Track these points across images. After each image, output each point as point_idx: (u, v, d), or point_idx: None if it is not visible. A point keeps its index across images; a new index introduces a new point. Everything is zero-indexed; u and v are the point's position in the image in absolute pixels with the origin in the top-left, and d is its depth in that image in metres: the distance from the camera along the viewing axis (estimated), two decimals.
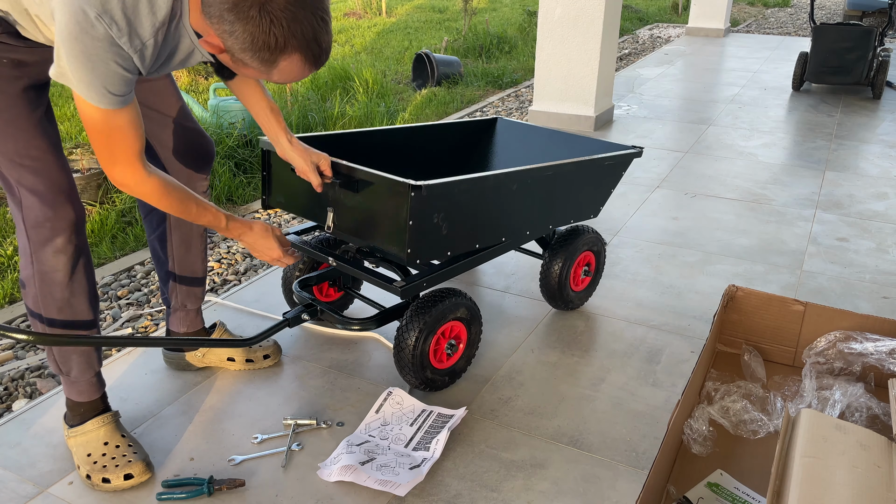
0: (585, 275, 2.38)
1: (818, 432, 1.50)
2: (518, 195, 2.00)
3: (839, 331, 1.98)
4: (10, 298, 2.63)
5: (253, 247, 1.73)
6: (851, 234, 3.02)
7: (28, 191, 1.50)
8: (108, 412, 1.73)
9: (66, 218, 1.53)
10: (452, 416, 1.85)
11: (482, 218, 1.95)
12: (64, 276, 1.57)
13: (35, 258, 1.55)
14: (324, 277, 2.21)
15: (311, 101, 4.91)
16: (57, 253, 1.54)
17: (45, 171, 1.50)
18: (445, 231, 1.86)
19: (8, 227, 3.15)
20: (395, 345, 1.89)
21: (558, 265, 2.25)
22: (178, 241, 1.91)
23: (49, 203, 1.51)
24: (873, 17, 8.56)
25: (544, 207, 2.13)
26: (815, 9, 10.95)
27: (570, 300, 2.36)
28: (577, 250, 2.28)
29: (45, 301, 1.59)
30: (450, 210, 1.83)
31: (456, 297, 1.92)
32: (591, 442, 1.81)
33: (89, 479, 1.64)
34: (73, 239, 1.56)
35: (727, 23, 8.08)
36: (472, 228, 1.94)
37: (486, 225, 1.98)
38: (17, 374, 2.19)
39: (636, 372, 2.09)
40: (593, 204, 2.31)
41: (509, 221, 2.04)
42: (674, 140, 4.32)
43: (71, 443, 1.70)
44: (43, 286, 1.57)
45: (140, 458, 1.66)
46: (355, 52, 7.19)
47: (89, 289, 1.64)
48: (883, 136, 4.43)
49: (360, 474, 1.63)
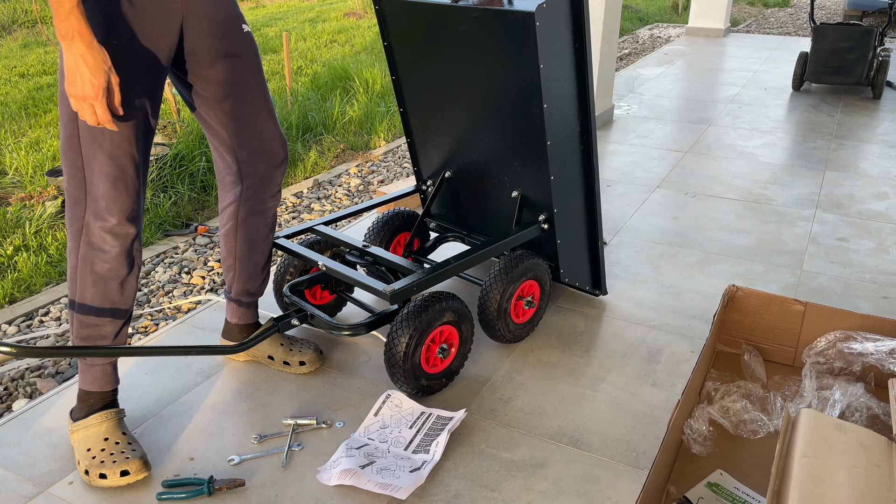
0: (528, 306, 2.20)
1: (818, 432, 1.50)
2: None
3: (839, 331, 1.98)
4: (11, 298, 2.64)
5: (71, 68, 1.39)
6: (851, 234, 3.02)
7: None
8: (114, 408, 1.76)
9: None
10: (452, 419, 1.85)
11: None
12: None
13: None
14: (315, 281, 2.19)
15: (311, 101, 4.91)
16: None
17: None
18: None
19: (8, 227, 3.15)
20: (385, 353, 1.87)
21: (497, 294, 2.08)
22: (242, 239, 1.94)
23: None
24: (873, 17, 8.56)
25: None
26: (815, 9, 10.95)
27: (512, 332, 2.17)
28: (518, 278, 2.11)
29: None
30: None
31: (444, 302, 1.90)
32: (591, 442, 1.81)
33: (87, 475, 1.66)
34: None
35: (727, 23, 8.08)
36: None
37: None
38: (17, 374, 2.19)
39: (636, 372, 2.09)
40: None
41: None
42: (674, 140, 4.32)
43: (73, 438, 1.72)
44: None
45: (137, 456, 1.67)
46: (355, 52, 7.19)
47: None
48: (883, 136, 4.43)
49: (360, 478, 1.63)
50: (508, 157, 2.21)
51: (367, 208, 2.44)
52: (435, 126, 2.40)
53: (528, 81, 1.99)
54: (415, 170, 2.61)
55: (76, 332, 1.67)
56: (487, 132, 2.23)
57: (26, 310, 2.54)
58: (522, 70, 1.98)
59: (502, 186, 2.30)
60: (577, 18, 1.97)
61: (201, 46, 1.66)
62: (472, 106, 2.21)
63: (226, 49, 1.68)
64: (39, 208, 3.28)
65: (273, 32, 8.34)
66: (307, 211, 3.48)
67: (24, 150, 3.99)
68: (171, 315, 2.52)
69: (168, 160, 3.67)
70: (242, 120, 1.77)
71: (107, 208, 1.58)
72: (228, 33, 1.68)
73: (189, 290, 2.69)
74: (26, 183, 3.63)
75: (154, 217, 3.25)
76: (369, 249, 2.12)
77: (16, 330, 2.44)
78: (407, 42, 2.27)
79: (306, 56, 6.99)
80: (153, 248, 3.04)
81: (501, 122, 2.15)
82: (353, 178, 3.93)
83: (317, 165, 4.09)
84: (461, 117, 2.28)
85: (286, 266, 2.23)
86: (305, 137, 4.45)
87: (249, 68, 1.74)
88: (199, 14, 1.63)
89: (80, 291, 1.65)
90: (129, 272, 1.68)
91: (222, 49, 1.68)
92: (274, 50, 7.38)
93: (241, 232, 1.93)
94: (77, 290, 1.65)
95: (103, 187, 1.57)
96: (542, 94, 1.96)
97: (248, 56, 1.73)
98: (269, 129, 1.82)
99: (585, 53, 2.00)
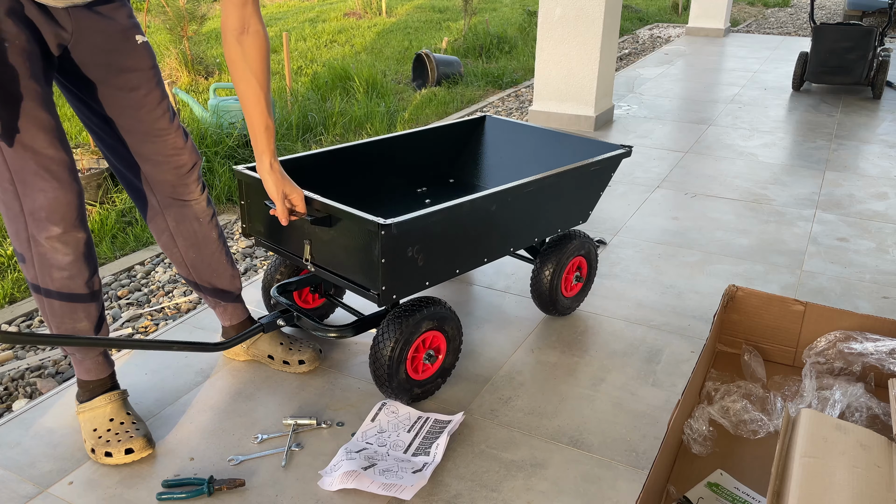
0: (577, 280, 2.33)
1: (818, 432, 1.50)
2: (498, 214, 1.93)
3: (839, 331, 1.98)
4: (10, 298, 2.63)
5: (268, 188, 1.74)
6: (851, 234, 3.02)
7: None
8: (117, 390, 1.80)
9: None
10: (450, 421, 1.84)
11: (461, 244, 1.87)
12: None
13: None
14: (304, 283, 2.17)
15: (311, 101, 4.91)
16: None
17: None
18: (422, 263, 1.78)
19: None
20: (371, 359, 1.84)
21: (549, 272, 2.21)
22: (186, 246, 1.88)
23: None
24: (873, 17, 8.56)
25: (528, 221, 2.05)
26: (815, 9, 10.95)
27: (563, 307, 2.32)
28: (567, 256, 2.23)
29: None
30: (425, 242, 1.76)
31: (426, 308, 1.85)
32: (591, 442, 1.81)
33: (94, 454, 1.71)
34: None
35: (727, 23, 8.08)
36: (450, 256, 1.86)
37: (466, 250, 1.90)
38: (17, 374, 2.19)
39: (636, 372, 2.09)
40: (581, 210, 2.24)
41: (490, 242, 1.97)
42: (674, 140, 4.32)
43: (80, 418, 1.78)
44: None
45: (141, 434, 1.72)
46: (355, 52, 7.19)
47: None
48: (883, 136, 4.43)
49: (363, 480, 1.63)
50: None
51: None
52: None
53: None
54: None
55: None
56: None
57: (26, 310, 2.54)
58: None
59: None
60: None
61: (92, 61, 1.58)
62: None
63: (119, 64, 1.61)
64: None
65: (273, 32, 8.34)
66: None
67: None
68: (170, 315, 2.52)
69: None
70: (141, 136, 1.69)
71: (48, 218, 1.53)
72: (121, 46, 1.60)
73: (189, 290, 2.69)
74: None
75: None
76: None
77: (15, 330, 2.44)
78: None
79: (306, 56, 6.99)
80: (153, 249, 3.04)
81: None
82: None
83: None
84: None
85: (274, 268, 2.21)
86: (305, 137, 4.45)
87: (147, 82, 1.66)
88: (89, 27, 1.55)
89: (49, 305, 1.64)
90: (92, 273, 1.66)
91: (115, 64, 1.60)
92: (274, 50, 7.38)
93: (179, 240, 1.87)
94: (45, 304, 1.64)
95: (42, 198, 1.51)
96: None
97: (144, 70, 1.65)
98: (170, 142, 1.73)
99: None
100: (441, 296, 2.50)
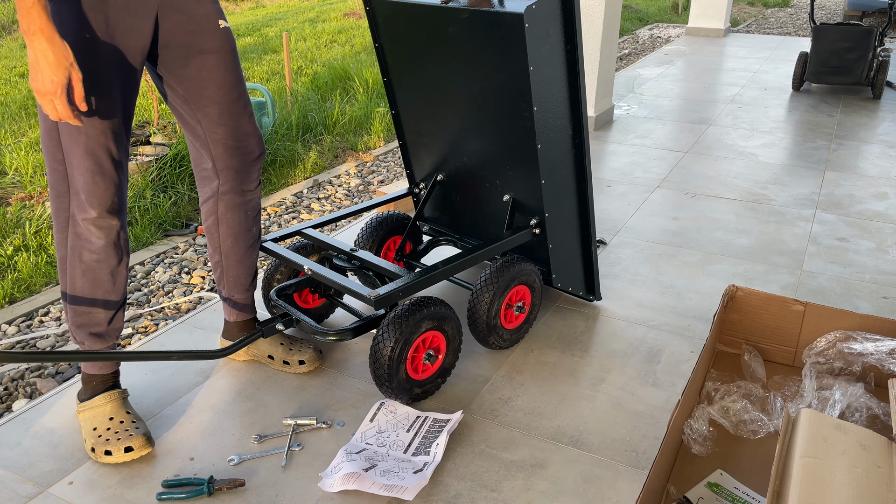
0: (519, 311, 2.18)
1: (818, 432, 1.50)
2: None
3: (839, 331, 1.98)
4: (10, 298, 2.64)
5: (33, 63, 1.40)
6: (851, 234, 3.02)
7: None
8: (117, 389, 1.82)
9: None
10: (449, 421, 1.84)
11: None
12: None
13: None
14: (303, 285, 2.17)
15: (311, 101, 4.91)
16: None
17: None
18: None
19: (8, 227, 3.15)
20: (371, 359, 1.84)
21: (487, 299, 2.05)
22: (225, 234, 1.93)
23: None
24: (873, 17, 8.56)
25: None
26: (815, 9, 10.95)
27: (503, 339, 2.14)
28: (508, 284, 2.09)
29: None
30: None
31: (425, 308, 1.86)
32: (591, 442, 1.81)
33: (93, 453, 1.72)
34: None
35: (727, 23, 8.08)
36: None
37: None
38: (18, 374, 2.19)
39: (636, 372, 2.09)
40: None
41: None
42: (674, 140, 4.32)
43: (80, 417, 1.79)
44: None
45: (141, 433, 1.73)
46: (355, 52, 7.19)
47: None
48: (883, 136, 4.43)
49: (364, 481, 1.62)
50: (499, 161, 2.20)
51: (360, 210, 2.41)
52: (427, 129, 2.39)
53: (518, 84, 1.97)
54: (407, 172, 2.59)
55: (71, 320, 1.73)
56: (478, 135, 2.21)
57: (26, 310, 2.54)
58: (512, 72, 1.97)
59: (494, 190, 2.29)
60: (569, 20, 1.94)
61: (174, 41, 1.64)
62: (463, 108, 2.19)
63: (200, 45, 1.67)
64: (39, 208, 3.28)
65: (273, 32, 8.34)
66: (307, 211, 3.48)
67: (24, 150, 3.98)
68: (171, 315, 2.52)
69: (168, 160, 3.67)
70: (216, 117, 1.75)
71: (87, 201, 1.60)
72: (204, 28, 1.66)
73: (189, 290, 2.69)
74: (26, 183, 3.63)
75: (154, 217, 3.25)
76: (357, 253, 2.09)
77: (16, 330, 2.44)
78: (398, 43, 2.26)
79: (306, 56, 6.99)
80: (153, 248, 3.04)
81: (492, 124, 2.14)
82: (353, 178, 3.93)
83: (316, 165, 4.10)
84: (452, 120, 2.26)
85: (274, 269, 2.22)
86: (305, 137, 4.45)
87: (225, 65, 1.72)
88: (174, 7, 1.61)
89: (71, 281, 1.68)
90: (119, 262, 1.71)
91: (196, 45, 1.66)
92: (274, 50, 7.38)
93: (223, 226, 1.92)
94: (68, 280, 1.69)
95: (82, 181, 1.58)
96: (533, 97, 1.94)
97: (223, 53, 1.71)
98: (243, 126, 1.80)
99: (577, 55, 1.98)
100: (441, 296, 2.50)
